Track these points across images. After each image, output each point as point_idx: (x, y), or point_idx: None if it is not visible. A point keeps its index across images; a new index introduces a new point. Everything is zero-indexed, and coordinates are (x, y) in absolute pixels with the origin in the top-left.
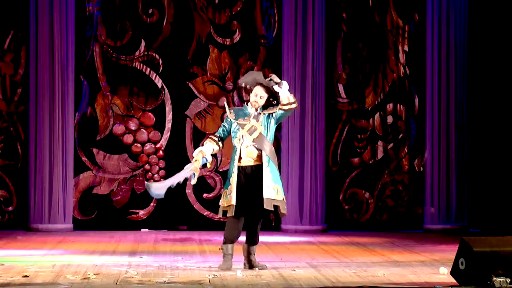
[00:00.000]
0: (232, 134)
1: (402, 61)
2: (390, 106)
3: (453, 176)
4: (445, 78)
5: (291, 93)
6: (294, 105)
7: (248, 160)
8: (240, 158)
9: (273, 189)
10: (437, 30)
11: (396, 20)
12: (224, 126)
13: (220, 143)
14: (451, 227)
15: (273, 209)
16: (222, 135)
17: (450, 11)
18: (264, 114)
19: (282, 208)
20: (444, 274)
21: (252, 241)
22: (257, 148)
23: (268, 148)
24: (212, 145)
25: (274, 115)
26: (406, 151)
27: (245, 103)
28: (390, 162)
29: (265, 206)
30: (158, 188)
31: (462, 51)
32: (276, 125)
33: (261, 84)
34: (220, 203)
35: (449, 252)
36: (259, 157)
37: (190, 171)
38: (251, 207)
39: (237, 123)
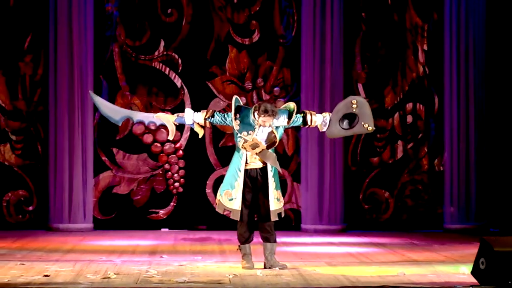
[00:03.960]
0: (235, 137)
1: (421, 60)
2: (409, 106)
3: (472, 175)
4: (464, 77)
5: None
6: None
7: (254, 164)
8: (246, 161)
9: (276, 199)
10: (455, 28)
11: (415, 19)
12: (223, 118)
13: (208, 122)
14: (471, 227)
15: (278, 219)
16: (217, 120)
17: (469, 10)
18: (275, 126)
19: (283, 212)
20: (464, 273)
21: (266, 239)
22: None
23: (271, 160)
24: (200, 118)
25: (284, 126)
26: (426, 150)
27: (253, 111)
28: (410, 162)
29: (272, 219)
30: (110, 109)
31: (480, 49)
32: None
33: (268, 113)
34: (221, 200)
35: (470, 252)
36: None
37: (157, 118)
38: (258, 209)
39: (241, 137)
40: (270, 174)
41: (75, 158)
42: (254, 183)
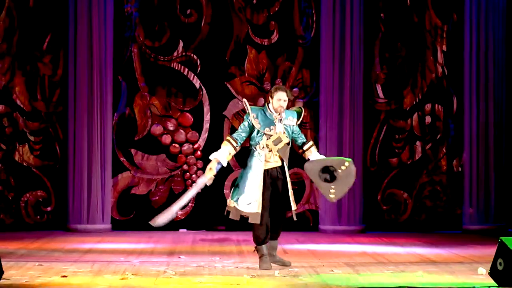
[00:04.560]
0: (254, 139)
1: (440, 61)
2: (428, 106)
3: (491, 176)
4: (483, 78)
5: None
6: None
7: (273, 163)
8: (265, 161)
9: (293, 201)
10: (475, 29)
11: (435, 20)
12: (244, 131)
13: (238, 147)
14: (489, 228)
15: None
16: (241, 139)
17: (489, 10)
18: (284, 124)
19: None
20: (482, 274)
21: (275, 237)
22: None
23: (287, 156)
24: (228, 149)
25: (293, 127)
26: (445, 151)
27: (267, 106)
28: (429, 163)
29: (295, 219)
30: (164, 218)
31: (500, 50)
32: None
33: (281, 89)
34: (236, 207)
35: (488, 253)
36: (281, 158)
37: (203, 184)
38: (277, 209)
39: (264, 133)
40: (287, 173)
41: (93, 158)
42: (274, 182)
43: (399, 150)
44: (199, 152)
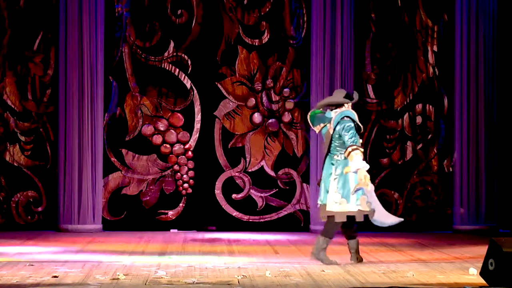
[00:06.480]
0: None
1: (431, 61)
2: (419, 107)
3: (482, 176)
4: (474, 78)
5: None
6: None
7: None
8: None
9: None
10: (466, 30)
11: (425, 20)
12: (357, 134)
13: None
14: (480, 228)
15: None
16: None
17: (479, 10)
18: None
19: None
20: (473, 274)
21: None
22: None
23: None
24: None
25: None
26: (435, 151)
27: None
28: (419, 163)
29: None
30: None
31: (491, 50)
32: None
33: None
34: (360, 209)
35: (479, 253)
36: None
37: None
38: None
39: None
40: None
41: (84, 159)
42: None
43: (390, 150)
44: (190, 153)
